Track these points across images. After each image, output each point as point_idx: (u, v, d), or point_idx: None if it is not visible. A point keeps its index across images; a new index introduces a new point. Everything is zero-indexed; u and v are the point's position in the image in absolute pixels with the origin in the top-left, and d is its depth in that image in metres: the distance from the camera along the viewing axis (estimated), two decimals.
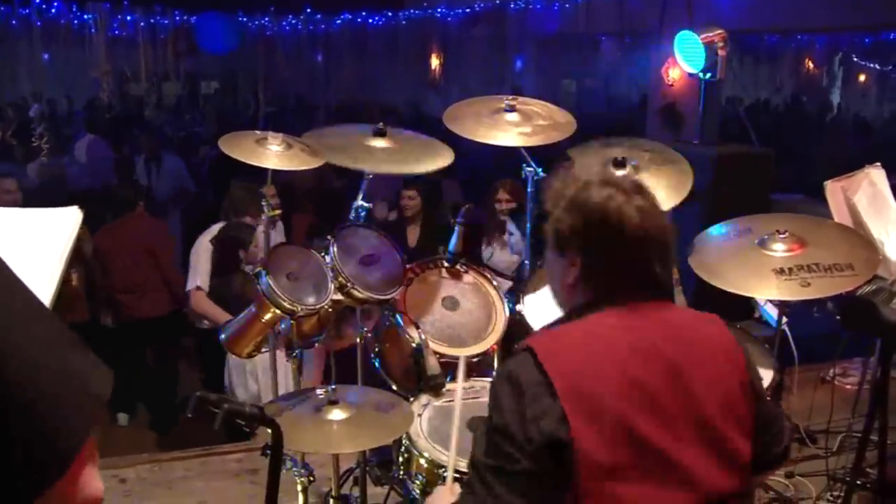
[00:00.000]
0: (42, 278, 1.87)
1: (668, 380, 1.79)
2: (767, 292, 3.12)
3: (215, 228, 5.53)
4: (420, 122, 12.95)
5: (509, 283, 4.49)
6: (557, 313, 2.06)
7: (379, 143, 3.34)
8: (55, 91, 15.79)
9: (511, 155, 3.76)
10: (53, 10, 12.84)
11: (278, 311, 2.97)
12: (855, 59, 20.14)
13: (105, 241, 6.32)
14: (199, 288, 5.41)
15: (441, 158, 3.48)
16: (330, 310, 3.10)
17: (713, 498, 1.80)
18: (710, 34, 4.74)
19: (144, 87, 13.57)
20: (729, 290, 3.07)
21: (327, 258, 3.09)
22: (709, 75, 4.83)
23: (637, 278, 1.90)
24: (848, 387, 4.73)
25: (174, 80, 15.42)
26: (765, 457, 1.95)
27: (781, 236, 3.13)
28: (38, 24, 12.85)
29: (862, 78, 21.36)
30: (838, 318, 3.49)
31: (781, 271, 3.01)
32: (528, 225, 3.79)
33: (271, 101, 14.53)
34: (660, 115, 10.52)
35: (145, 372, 6.68)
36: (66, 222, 2.05)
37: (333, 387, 2.80)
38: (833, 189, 3.70)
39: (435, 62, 16.43)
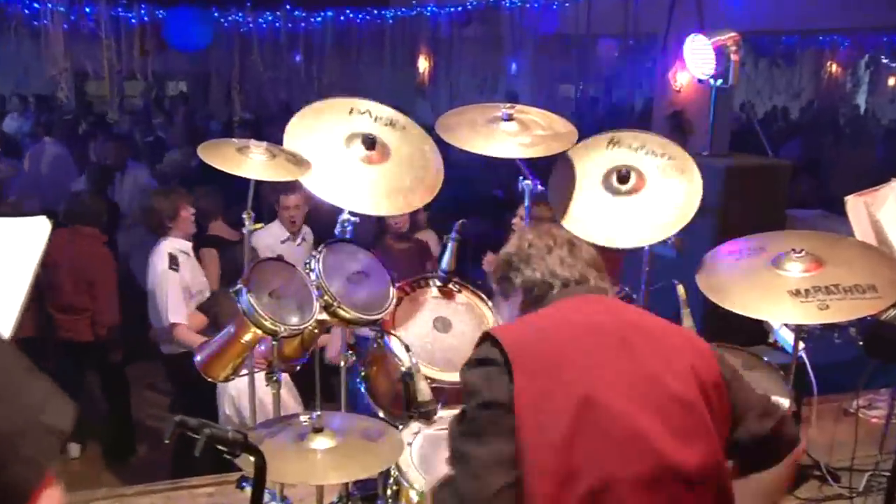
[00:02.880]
0: (10, 291, 1.91)
1: (621, 352, 2.07)
2: (782, 316, 3.16)
3: (163, 250, 5.55)
4: None
5: None
6: None
7: (366, 157, 3.37)
8: (3, 89, 15.76)
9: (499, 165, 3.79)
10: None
11: (259, 332, 3.02)
12: (883, 61, 20.21)
13: (53, 253, 6.23)
14: (178, 323, 5.40)
15: (432, 186, 3.51)
16: (316, 330, 3.15)
17: (674, 470, 1.97)
18: (722, 37, 4.78)
19: (107, 87, 13.53)
20: (740, 312, 3.11)
21: (312, 275, 3.14)
22: (720, 82, 4.87)
23: (572, 278, 2.31)
24: (874, 420, 4.71)
25: (140, 81, 15.42)
26: (754, 440, 2.17)
27: (797, 255, 3.17)
28: None
29: (891, 82, 21.43)
30: (861, 344, 3.52)
31: (797, 293, 3.05)
32: None
33: (245, 105, 14.54)
34: (666, 123, 10.62)
35: (92, 398, 6.67)
36: (35, 233, 2.10)
37: (318, 413, 2.84)
38: (855, 204, 3.72)
39: (423, 65, 16.52)
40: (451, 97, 15.20)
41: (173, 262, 5.50)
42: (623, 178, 3.63)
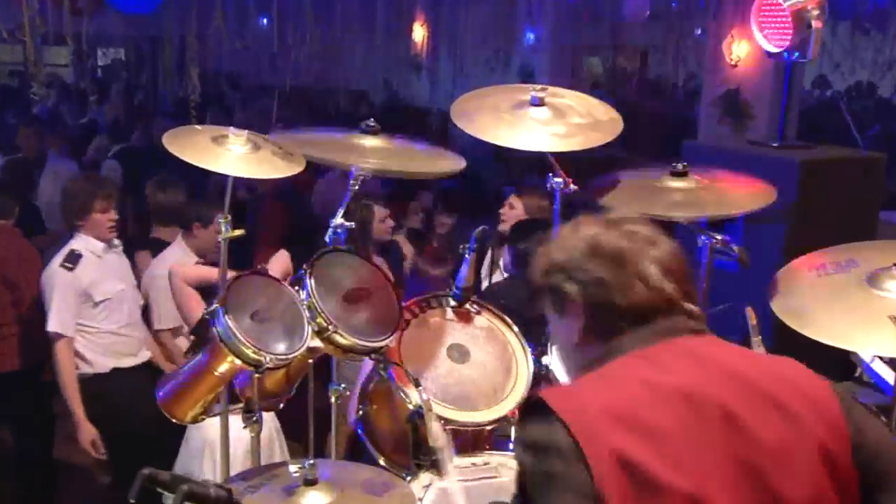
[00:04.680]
0: None
1: (724, 434, 1.88)
2: (884, 347, 3.13)
3: (67, 247, 5.49)
4: (398, 113, 12.90)
5: None
6: None
7: (371, 142, 3.41)
8: None
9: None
10: None
11: (238, 362, 3.01)
12: None
13: None
14: (60, 334, 5.32)
15: (449, 160, 3.57)
16: (310, 360, 3.15)
17: None
18: (801, 1, 4.74)
19: (30, 53, 13.45)
20: (828, 342, 3.09)
21: (302, 294, 3.14)
22: (796, 55, 4.83)
23: (656, 307, 2.04)
24: None
25: (70, 47, 15.31)
26: None
27: None
28: None
29: None
30: None
31: None
32: None
33: (202, 79, 14.40)
34: (718, 104, 10.62)
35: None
36: None
37: (310, 462, 2.83)
38: None
39: (420, 33, 16.49)
40: (454, 73, 15.16)
41: (68, 260, 5.41)
42: (679, 174, 3.66)
